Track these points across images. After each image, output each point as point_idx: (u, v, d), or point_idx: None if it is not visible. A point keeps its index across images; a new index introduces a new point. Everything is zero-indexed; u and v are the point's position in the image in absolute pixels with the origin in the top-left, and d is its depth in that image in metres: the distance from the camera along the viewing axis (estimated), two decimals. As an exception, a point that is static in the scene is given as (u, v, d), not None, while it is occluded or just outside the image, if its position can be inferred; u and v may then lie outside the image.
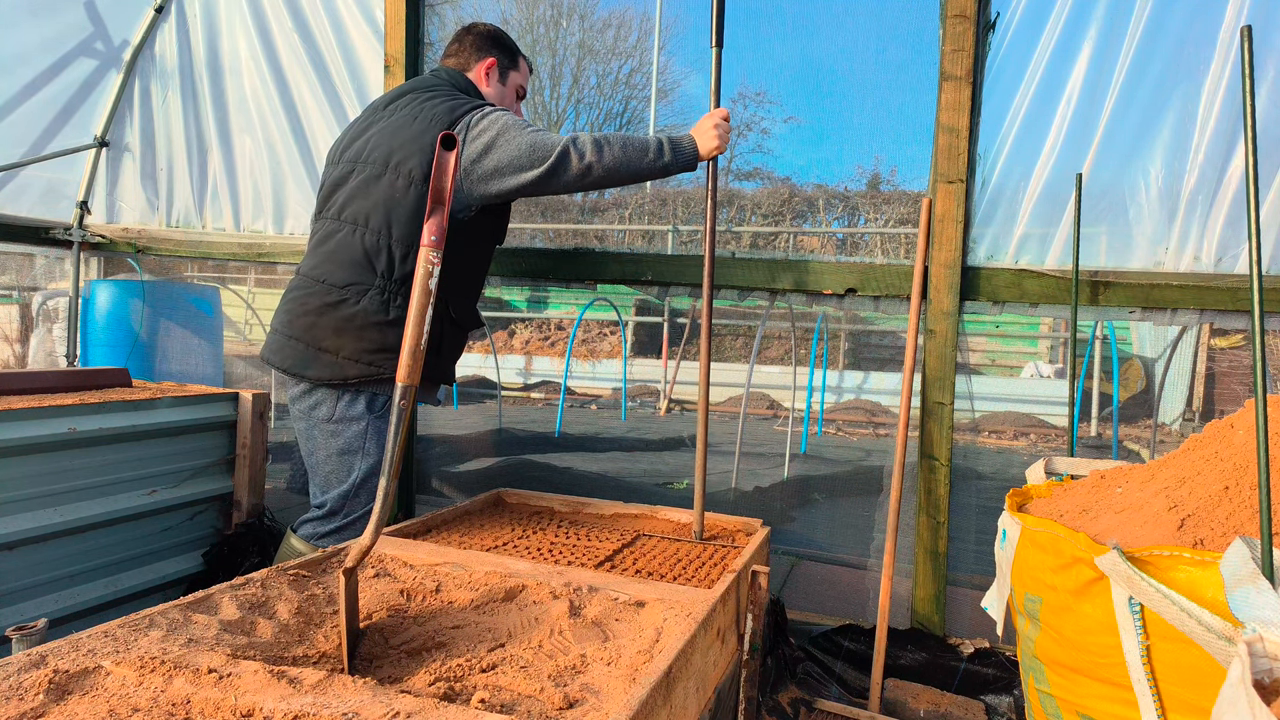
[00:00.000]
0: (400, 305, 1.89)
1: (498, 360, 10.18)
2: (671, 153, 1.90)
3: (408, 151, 1.89)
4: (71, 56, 3.20)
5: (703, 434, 1.99)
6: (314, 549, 1.93)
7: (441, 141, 1.27)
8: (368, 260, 1.89)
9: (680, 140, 1.92)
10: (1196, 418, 8.73)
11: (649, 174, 1.90)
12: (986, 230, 2.24)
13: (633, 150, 1.86)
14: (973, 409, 2.33)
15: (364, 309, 1.88)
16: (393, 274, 1.89)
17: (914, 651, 2.20)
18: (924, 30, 2.27)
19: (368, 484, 1.93)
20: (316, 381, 1.91)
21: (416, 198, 1.87)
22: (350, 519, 1.94)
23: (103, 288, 3.61)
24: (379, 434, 1.92)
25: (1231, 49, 1.99)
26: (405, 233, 1.88)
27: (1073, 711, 1.28)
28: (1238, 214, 2.02)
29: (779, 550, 2.87)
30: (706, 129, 1.93)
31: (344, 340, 1.88)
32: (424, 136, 1.88)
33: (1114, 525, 1.30)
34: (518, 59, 2.18)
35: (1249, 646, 0.92)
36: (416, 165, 1.88)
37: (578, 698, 1.04)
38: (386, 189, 1.90)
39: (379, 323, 1.88)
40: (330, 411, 1.93)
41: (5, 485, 1.89)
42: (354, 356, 1.87)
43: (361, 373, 1.88)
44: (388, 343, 1.87)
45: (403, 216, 1.88)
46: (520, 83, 2.20)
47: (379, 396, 1.93)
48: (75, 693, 0.95)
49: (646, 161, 1.87)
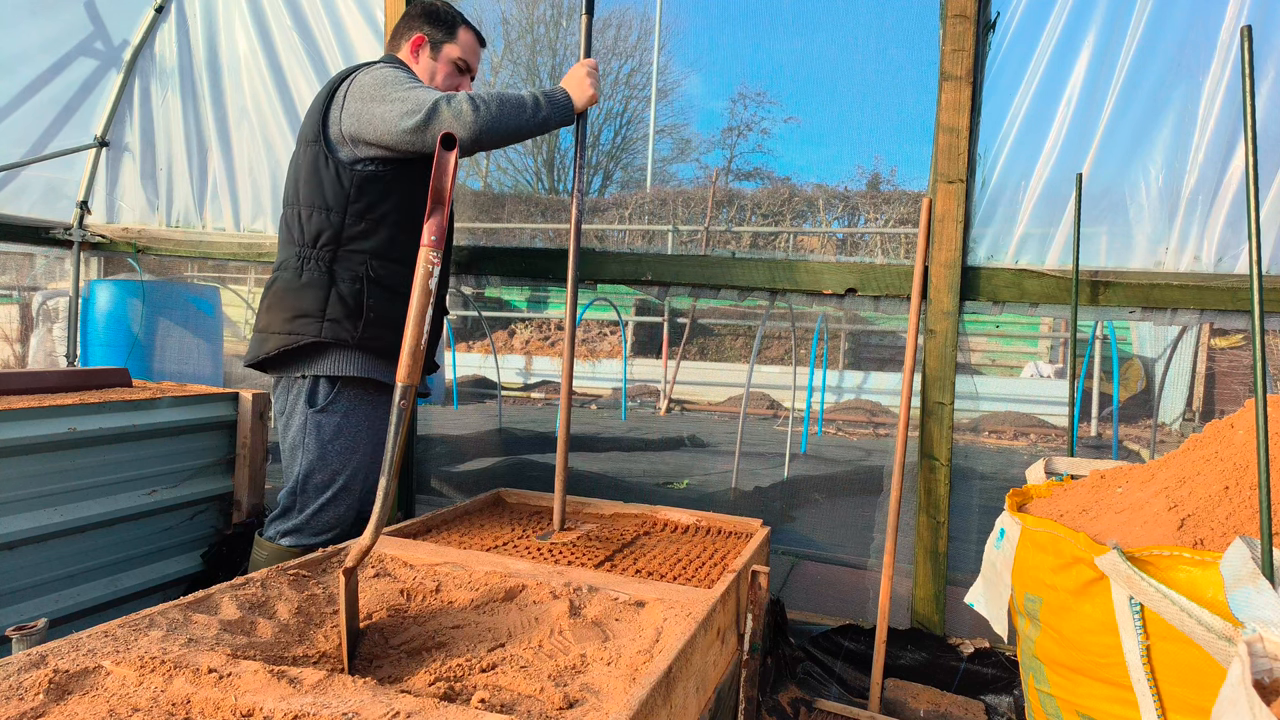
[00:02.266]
0: (312, 268, 1.88)
1: (498, 360, 10.18)
2: (548, 105, 1.89)
3: (306, 121, 1.96)
4: (71, 56, 3.20)
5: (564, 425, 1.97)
6: (280, 549, 1.92)
7: (441, 141, 1.27)
8: (289, 233, 1.95)
9: (555, 93, 1.92)
10: (1196, 418, 8.74)
11: (529, 130, 1.88)
12: (986, 230, 2.24)
13: (509, 107, 1.84)
14: (977, 407, 2.34)
15: (284, 279, 1.91)
16: (304, 239, 1.90)
17: (914, 651, 2.20)
18: (924, 30, 2.27)
19: (311, 480, 1.91)
20: (258, 365, 1.93)
21: (310, 157, 1.90)
22: (304, 515, 1.92)
23: (102, 288, 3.61)
24: (318, 429, 1.89)
25: (1231, 49, 1.99)
26: (307, 194, 1.90)
27: (1073, 711, 1.28)
28: (1238, 214, 2.02)
29: (779, 550, 2.87)
30: (579, 78, 1.94)
31: (272, 315, 1.90)
32: (316, 100, 1.95)
33: (1114, 525, 1.30)
34: (456, 31, 2.10)
35: (1249, 646, 0.92)
36: (309, 127, 1.93)
37: (578, 698, 1.04)
38: (295, 161, 1.97)
39: (294, 289, 1.88)
40: (282, 404, 1.96)
41: (5, 485, 1.89)
42: (275, 328, 1.88)
43: (280, 343, 1.86)
44: (301, 307, 1.86)
45: (304, 180, 1.91)
46: (459, 56, 2.10)
47: (320, 386, 1.90)
48: (75, 692, 0.95)
49: (525, 117, 1.86)
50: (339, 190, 1.88)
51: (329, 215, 1.88)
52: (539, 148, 17.58)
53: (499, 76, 17.27)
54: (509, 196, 16.54)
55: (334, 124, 1.88)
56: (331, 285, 1.88)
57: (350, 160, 1.88)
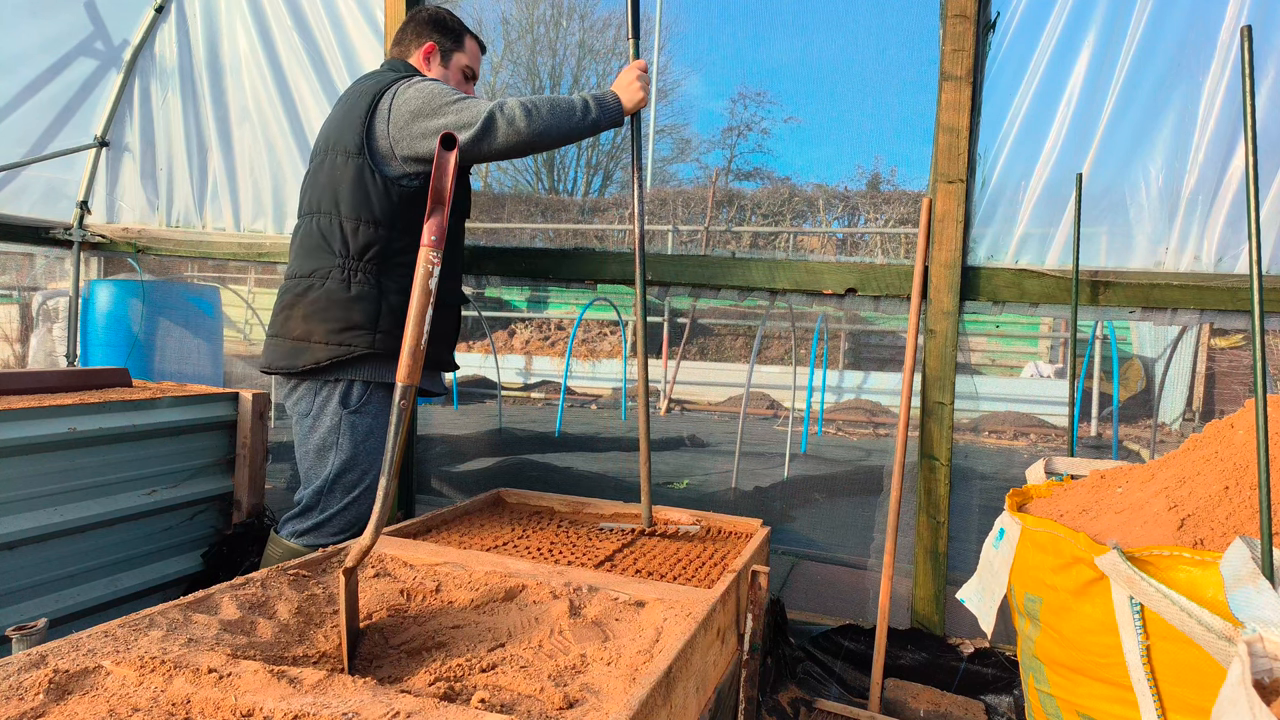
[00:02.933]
0: (361, 281, 1.91)
1: (498, 360, 10.18)
2: (598, 109, 1.92)
3: (341, 130, 1.95)
4: (71, 56, 3.20)
5: (644, 425, 1.97)
6: (297, 547, 1.95)
7: (441, 141, 1.27)
8: (325, 243, 1.93)
9: (604, 97, 1.95)
10: (1196, 418, 8.74)
11: (579, 133, 1.92)
12: (987, 230, 2.24)
13: (560, 112, 1.88)
14: (977, 407, 2.34)
15: (327, 289, 1.91)
16: (349, 251, 1.91)
17: (914, 651, 2.20)
18: (924, 30, 2.27)
19: (342, 480, 1.95)
20: (294, 373, 1.94)
21: (354, 170, 1.90)
22: (327, 514, 1.96)
23: (103, 288, 3.61)
24: (352, 429, 1.93)
25: (1231, 49, 1.99)
26: (351, 207, 1.91)
27: (1073, 711, 1.28)
28: (1238, 214, 2.02)
29: (779, 550, 2.87)
30: (629, 82, 1.97)
31: (313, 325, 1.91)
32: (353, 111, 1.94)
33: (1114, 525, 1.30)
34: (463, 39, 2.16)
35: (1249, 646, 0.92)
36: (350, 139, 1.92)
37: (578, 698, 1.04)
38: (329, 171, 1.95)
39: (342, 300, 1.90)
40: (308, 406, 1.96)
41: (5, 485, 1.89)
42: (323, 339, 1.90)
43: (332, 354, 1.89)
44: (353, 319, 1.89)
45: (346, 192, 1.91)
46: (466, 64, 2.17)
47: (354, 389, 1.93)
48: (75, 692, 0.95)
49: (574, 121, 1.90)
50: (388, 205, 1.90)
51: (378, 229, 1.91)
52: (539, 148, 17.53)
53: (499, 76, 17.25)
54: (509, 196, 16.55)
55: (381, 139, 1.90)
56: (382, 298, 1.91)
57: (398, 175, 1.91)
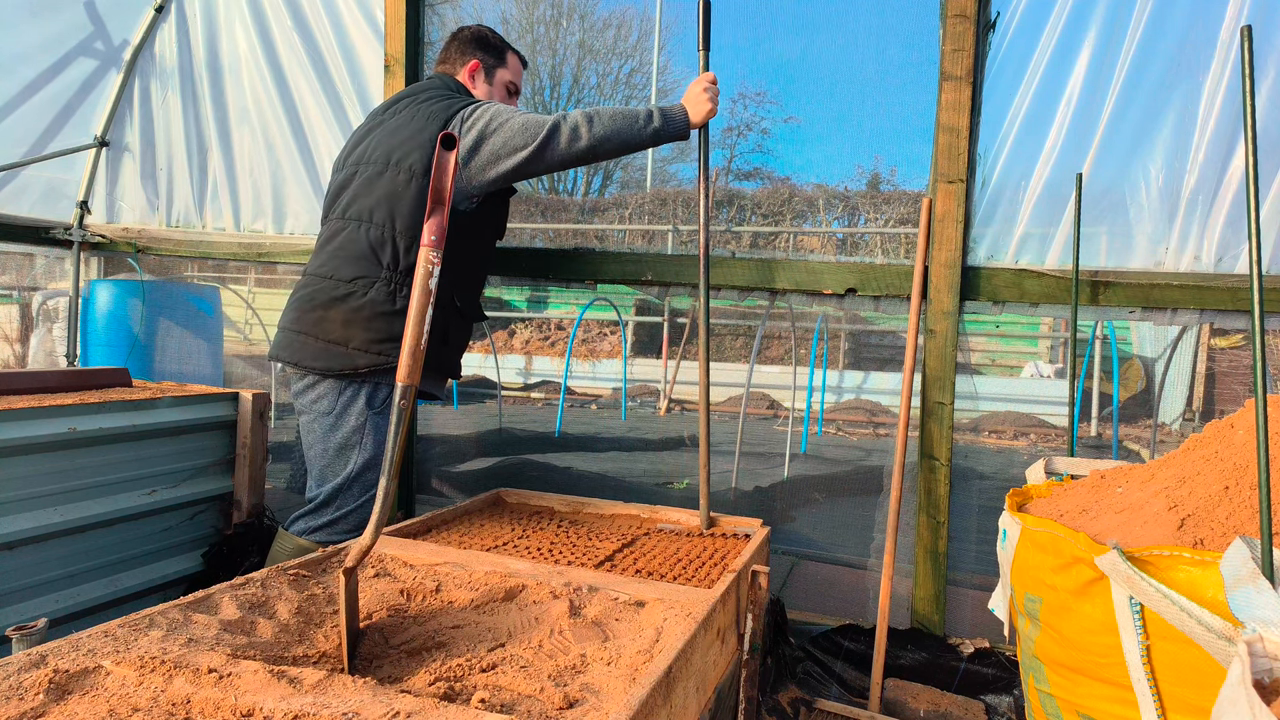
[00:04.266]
0: (406, 295, 1.93)
1: (498, 360, 10.18)
2: (662, 119, 1.92)
3: (408, 148, 1.95)
4: (71, 56, 3.20)
5: (704, 427, 1.99)
6: (306, 543, 1.96)
7: (441, 141, 1.27)
8: (373, 254, 1.94)
9: (671, 109, 1.94)
10: (1196, 418, 8.73)
11: (640, 143, 1.92)
12: (986, 230, 2.24)
13: (621, 120, 1.89)
14: (977, 407, 2.34)
15: (371, 300, 1.93)
16: (398, 265, 1.94)
17: (914, 651, 2.20)
18: (924, 30, 2.27)
19: (362, 478, 1.97)
20: (325, 373, 1.94)
21: (418, 190, 1.93)
22: (342, 512, 1.97)
23: (102, 288, 3.61)
24: (376, 429, 1.95)
25: (1231, 49, 1.99)
26: (408, 225, 1.93)
27: (1073, 711, 1.28)
28: (1238, 214, 2.02)
29: (779, 550, 2.87)
30: (697, 94, 1.95)
31: (352, 331, 1.92)
32: (423, 133, 1.95)
33: (1114, 525, 1.30)
34: (505, 56, 2.20)
35: (1249, 646, 0.92)
36: (417, 160, 1.94)
37: (578, 698, 1.04)
38: (388, 185, 1.95)
39: (386, 313, 1.92)
40: (331, 404, 1.97)
41: (5, 485, 1.89)
42: (363, 347, 1.92)
43: (371, 362, 1.92)
44: (395, 332, 1.92)
45: (405, 210, 1.93)
46: (509, 79, 2.22)
47: (380, 391, 1.96)
48: (75, 692, 0.95)
49: (636, 129, 1.90)
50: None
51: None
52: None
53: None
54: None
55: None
56: None
57: (458, 199, 1.95)
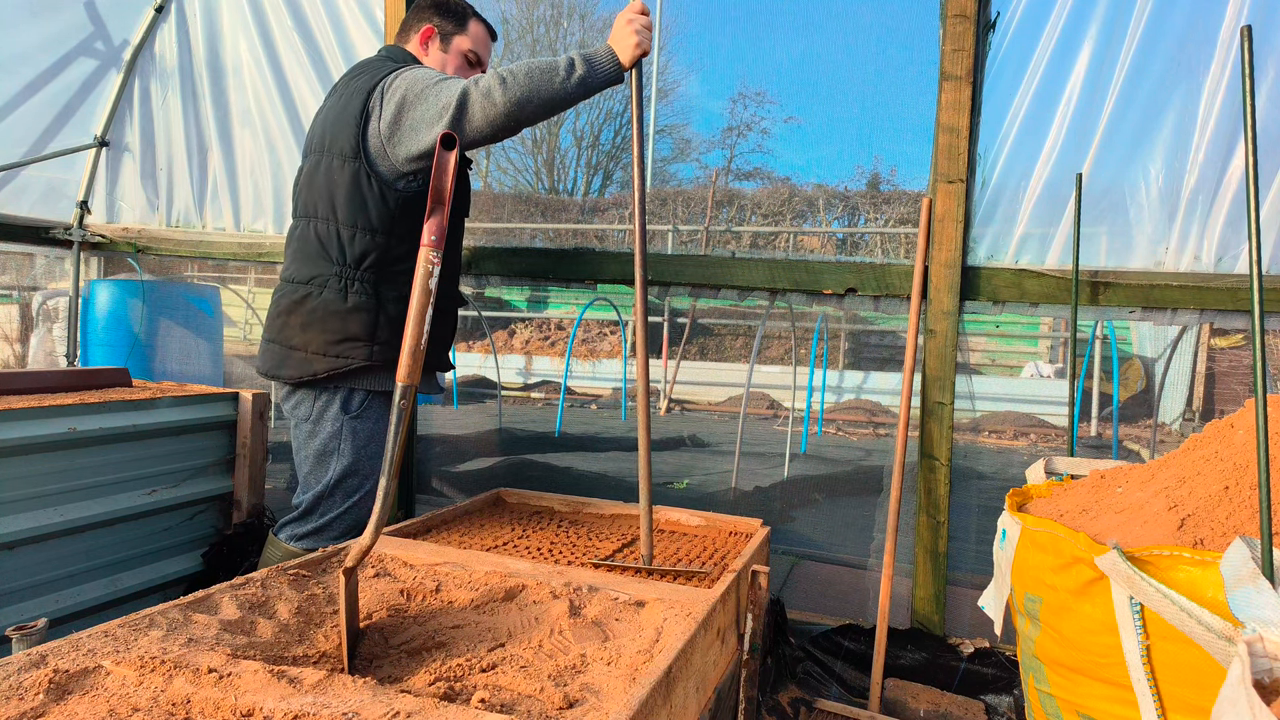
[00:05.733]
0: (359, 291, 1.86)
1: (498, 360, 10.17)
2: (586, 67, 1.73)
3: (335, 130, 1.86)
4: (71, 56, 3.20)
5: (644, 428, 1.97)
6: (295, 550, 1.92)
7: (441, 141, 1.27)
8: (324, 249, 1.88)
9: (594, 52, 1.75)
10: (1196, 418, 8.74)
11: (568, 96, 1.73)
12: (986, 230, 2.24)
13: (540, 75, 1.70)
14: (976, 407, 2.34)
15: (325, 299, 1.86)
16: (346, 259, 1.86)
17: (914, 651, 2.20)
18: (924, 30, 2.27)
19: (342, 485, 1.92)
20: (292, 381, 1.90)
21: (351, 175, 1.84)
22: (326, 519, 1.93)
23: (102, 288, 3.61)
24: (354, 434, 1.90)
25: (1231, 49, 1.99)
26: (349, 213, 1.84)
27: (1073, 711, 1.28)
28: (1238, 214, 2.02)
29: (779, 550, 2.87)
30: (621, 29, 1.74)
31: (310, 335, 1.87)
32: (345, 112, 1.85)
33: (1114, 525, 1.30)
34: (467, 23, 2.06)
35: (1249, 646, 0.92)
36: (345, 141, 1.84)
37: (578, 697, 1.04)
38: (325, 173, 1.88)
39: (338, 312, 1.85)
40: (308, 411, 1.93)
41: (5, 485, 1.89)
42: (320, 350, 1.85)
43: (329, 366, 1.85)
44: (350, 331, 1.84)
45: (343, 198, 1.85)
46: (469, 49, 2.07)
47: (355, 395, 1.90)
48: (75, 692, 0.95)
49: (558, 82, 1.71)
50: (384, 211, 1.85)
51: (374, 237, 1.85)
52: (539, 147, 17.58)
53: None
54: (509, 196, 16.55)
55: (374, 138, 1.83)
56: (379, 309, 1.87)
57: (393, 178, 1.85)
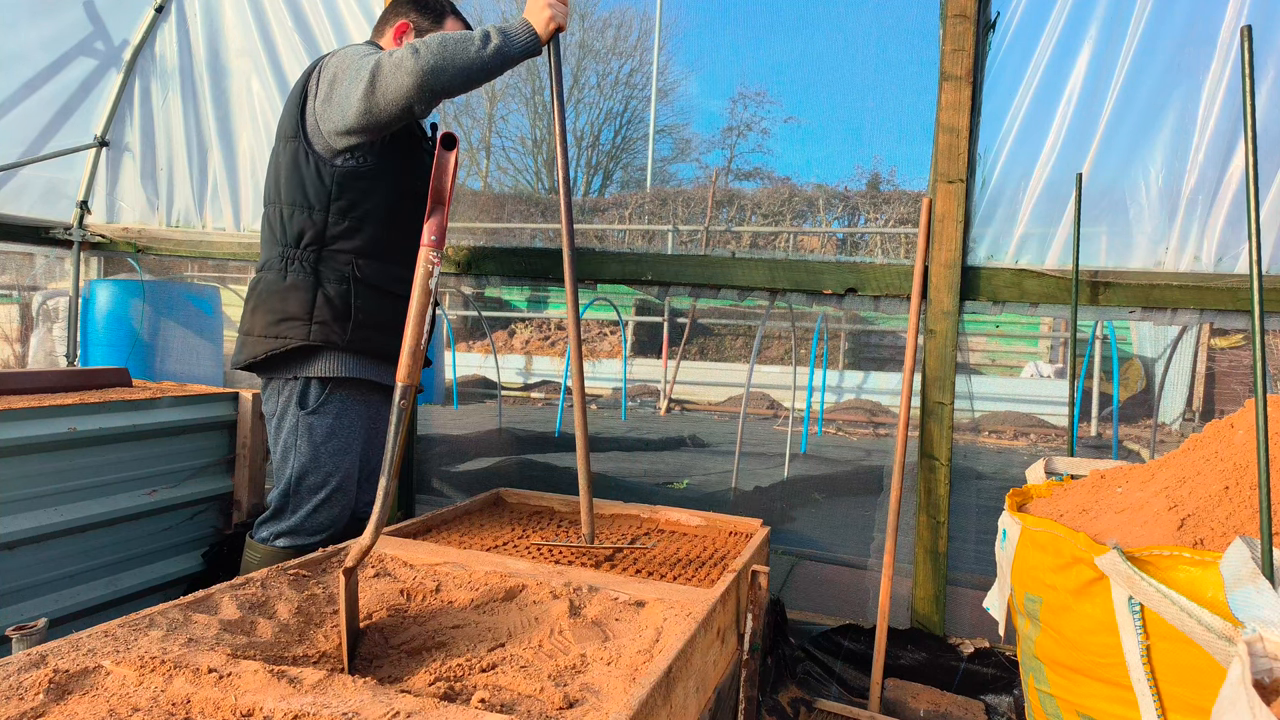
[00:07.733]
0: (296, 269, 1.85)
1: (498, 360, 10.17)
2: (501, 38, 1.73)
3: (283, 116, 1.91)
4: (71, 56, 3.20)
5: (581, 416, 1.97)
6: (271, 550, 1.90)
7: (441, 141, 1.27)
8: (272, 233, 1.91)
9: (510, 25, 1.76)
10: (1196, 418, 8.74)
11: (485, 66, 1.73)
12: (986, 230, 2.24)
13: (454, 45, 1.70)
14: (976, 407, 2.34)
15: (267, 280, 1.88)
16: (287, 238, 1.86)
17: (914, 651, 2.20)
18: (924, 30, 2.28)
19: (304, 482, 1.89)
20: (241, 367, 1.90)
21: (291, 154, 1.86)
22: (299, 517, 1.90)
23: (103, 287, 3.61)
24: (310, 431, 1.87)
25: (1231, 49, 1.99)
26: (288, 193, 1.85)
27: (1073, 711, 1.28)
28: (1238, 214, 2.02)
29: (779, 550, 2.87)
30: (535, 4, 1.77)
31: (256, 318, 1.87)
32: (292, 96, 1.90)
33: (1114, 525, 1.30)
34: (444, 19, 2.02)
35: (1249, 646, 0.92)
36: (288, 123, 1.87)
37: (578, 697, 1.04)
38: (274, 158, 1.92)
39: (278, 290, 1.84)
40: (273, 407, 1.93)
41: (5, 485, 1.89)
42: (262, 333, 1.85)
43: (269, 347, 1.83)
44: (288, 310, 1.82)
45: (285, 178, 1.86)
46: None
47: (311, 388, 1.87)
48: (75, 692, 0.95)
49: (473, 51, 1.71)
50: (320, 188, 1.84)
51: (311, 214, 1.84)
52: (539, 147, 17.58)
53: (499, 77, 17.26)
54: (509, 196, 16.55)
55: (310, 115, 1.85)
56: (318, 287, 1.84)
57: (329, 155, 1.84)
